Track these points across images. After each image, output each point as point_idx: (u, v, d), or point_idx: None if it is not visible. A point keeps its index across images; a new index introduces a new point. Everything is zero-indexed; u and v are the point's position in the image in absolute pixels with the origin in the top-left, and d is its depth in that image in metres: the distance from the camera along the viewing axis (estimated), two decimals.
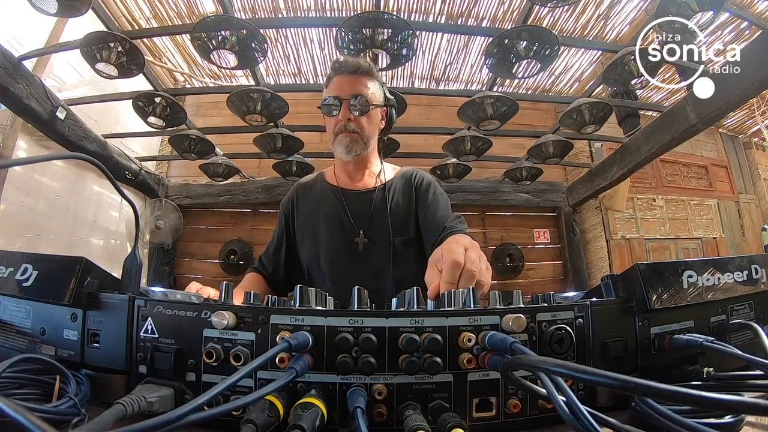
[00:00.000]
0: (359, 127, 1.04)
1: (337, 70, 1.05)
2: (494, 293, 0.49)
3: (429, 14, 3.09)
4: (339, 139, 1.04)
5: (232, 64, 1.94)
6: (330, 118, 1.05)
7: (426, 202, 1.09)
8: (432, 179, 1.17)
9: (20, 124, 2.36)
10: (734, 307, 0.54)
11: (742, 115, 4.61)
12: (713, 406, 0.24)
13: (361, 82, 1.04)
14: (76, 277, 0.47)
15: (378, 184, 1.12)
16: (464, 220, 1.08)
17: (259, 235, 3.72)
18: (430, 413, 0.39)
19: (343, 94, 1.03)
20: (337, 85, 1.04)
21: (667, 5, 1.65)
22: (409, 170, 1.19)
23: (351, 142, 1.04)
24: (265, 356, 0.35)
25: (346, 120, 1.02)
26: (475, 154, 2.74)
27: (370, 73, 1.06)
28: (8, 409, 0.21)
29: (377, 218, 1.07)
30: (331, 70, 1.07)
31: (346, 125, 1.03)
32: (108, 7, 2.53)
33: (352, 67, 1.04)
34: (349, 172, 1.13)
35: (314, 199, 1.14)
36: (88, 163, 0.51)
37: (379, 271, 1.03)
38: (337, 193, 1.11)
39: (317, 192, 1.15)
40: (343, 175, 1.14)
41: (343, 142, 1.04)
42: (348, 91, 1.03)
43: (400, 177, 1.16)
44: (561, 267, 3.88)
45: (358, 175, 1.13)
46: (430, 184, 1.14)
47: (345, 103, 1.02)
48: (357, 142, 1.04)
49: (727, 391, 0.45)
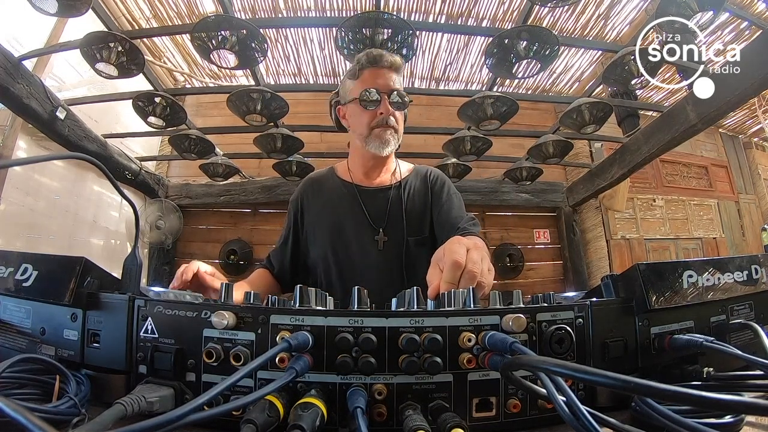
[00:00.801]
0: (397, 122, 1.02)
1: (374, 63, 1.02)
2: (494, 293, 0.49)
3: (429, 14, 3.09)
4: (376, 134, 1.01)
5: (232, 64, 1.94)
6: (366, 111, 1.01)
7: (440, 201, 1.08)
8: (446, 178, 1.16)
9: (20, 124, 2.37)
10: (734, 307, 0.54)
11: (742, 115, 4.61)
12: (713, 406, 0.24)
13: (396, 77, 1.02)
14: (76, 277, 0.47)
15: (394, 182, 1.10)
16: (478, 222, 1.07)
17: (259, 235, 3.72)
18: (430, 413, 0.39)
19: (382, 87, 1.00)
20: (376, 77, 1.01)
21: (667, 5, 1.65)
22: (423, 168, 1.18)
23: (389, 136, 1.01)
24: (265, 356, 0.35)
25: (388, 114, 1.00)
26: (475, 154, 2.74)
27: (401, 70, 1.05)
28: (8, 409, 0.21)
29: (394, 216, 1.05)
30: (365, 62, 1.02)
31: (387, 120, 1.00)
32: (108, 7, 2.53)
33: (389, 62, 1.02)
34: (367, 168, 1.10)
35: (327, 195, 1.10)
36: (88, 163, 0.51)
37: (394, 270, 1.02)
38: (352, 190, 1.08)
39: (330, 187, 1.12)
40: (358, 172, 1.11)
41: (381, 136, 1.01)
42: (387, 86, 1.00)
43: (415, 175, 1.14)
44: (561, 267, 3.88)
45: (376, 172, 1.11)
46: (445, 182, 1.13)
47: (385, 96, 0.99)
48: (393, 137, 1.02)
49: (727, 391, 0.45)
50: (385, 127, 1.01)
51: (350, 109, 1.06)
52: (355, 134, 1.07)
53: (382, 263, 1.02)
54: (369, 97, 0.99)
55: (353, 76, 1.04)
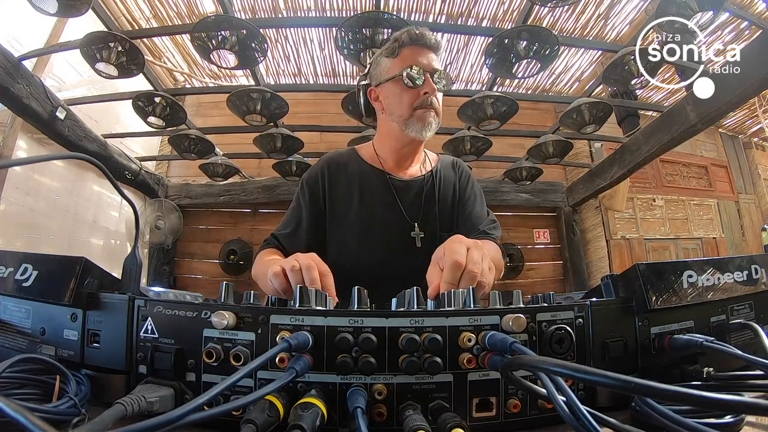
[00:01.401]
0: (439, 104, 0.95)
1: (416, 41, 0.94)
2: (494, 293, 0.49)
3: (429, 14, 3.09)
4: (419, 115, 0.93)
5: (232, 64, 1.94)
6: (409, 90, 0.93)
7: (465, 196, 1.03)
8: (470, 171, 1.10)
9: (20, 124, 2.37)
10: (734, 307, 0.54)
11: (742, 115, 4.61)
12: (713, 406, 0.24)
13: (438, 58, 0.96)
14: (76, 277, 0.47)
15: (425, 173, 1.03)
16: (499, 225, 1.02)
17: (259, 235, 3.72)
18: (430, 413, 0.39)
19: (426, 66, 0.93)
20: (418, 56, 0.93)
21: (667, 5, 1.65)
22: (448, 158, 1.12)
23: (432, 118, 0.94)
24: (265, 356, 0.35)
25: (434, 93, 0.92)
26: (475, 154, 2.74)
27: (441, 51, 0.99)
28: (8, 409, 0.21)
29: (427, 210, 0.99)
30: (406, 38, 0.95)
31: (431, 100, 0.92)
32: (108, 7, 2.53)
33: (432, 41, 0.95)
34: (401, 156, 1.02)
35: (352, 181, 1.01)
36: (88, 163, 0.51)
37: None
38: (384, 179, 1.00)
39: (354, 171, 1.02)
40: (390, 159, 1.03)
41: (424, 118, 0.93)
42: (432, 66, 0.93)
43: (443, 165, 1.08)
44: (561, 267, 3.88)
45: (409, 161, 1.03)
46: (470, 176, 1.08)
47: (428, 76, 0.92)
48: (436, 120, 0.95)
49: (727, 391, 0.45)
50: (428, 108, 0.93)
51: (387, 89, 0.97)
52: (393, 116, 0.97)
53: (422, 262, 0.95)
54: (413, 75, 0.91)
55: (391, 54, 0.96)
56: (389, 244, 0.96)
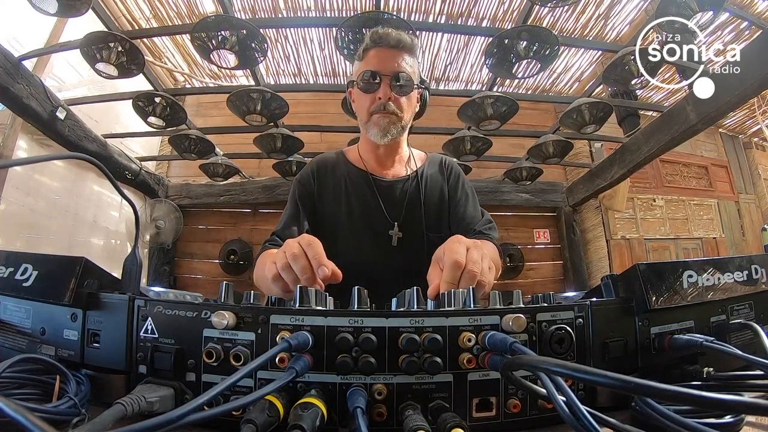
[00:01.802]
0: (399, 108, 0.93)
1: (378, 42, 0.93)
2: (494, 293, 0.49)
3: (429, 14, 3.09)
4: (375, 120, 0.93)
5: (232, 64, 1.94)
6: (366, 95, 0.94)
7: (456, 196, 1.03)
8: (461, 170, 1.10)
9: (20, 124, 2.37)
10: (734, 307, 0.54)
11: (742, 115, 4.61)
12: (713, 406, 0.24)
13: (402, 58, 0.93)
14: (76, 277, 0.47)
15: (410, 173, 1.03)
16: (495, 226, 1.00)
17: (259, 235, 3.72)
18: (430, 413, 0.39)
19: (384, 69, 0.92)
20: (378, 58, 0.93)
21: (667, 5, 1.65)
22: (437, 156, 1.11)
23: (389, 124, 0.93)
24: (265, 356, 0.35)
25: (386, 99, 0.92)
26: (475, 154, 2.74)
27: (413, 49, 0.95)
28: (8, 409, 0.21)
29: (410, 210, 0.99)
30: (369, 41, 0.95)
31: (385, 105, 0.92)
32: (108, 7, 2.53)
33: (395, 40, 0.93)
34: (379, 157, 1.03)
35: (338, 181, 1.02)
36: (88, 163, 0.51)
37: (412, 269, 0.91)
38: (367, 180, 1.00)
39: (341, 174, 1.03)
40: (371, 160, 1.04)
41: (380, 123, 0.93)
42: (390, 67, 0.92)
43: (429, 164, 1.07)
44: (561, 267, 3.88)
45: (389, 161, 1.04)
46: (459, 175, 1.07)
47: (386, 79, 0.91)
48: (395, 125, 0.94)
49: (727, 391, 0.45)
50: (383, 114, 0.92)
51: (355, 93, 0.98)
52: (359, 118, 1.00)
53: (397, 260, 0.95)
54: (367, 80, 0.92)
55: (359, 57, 0.97)
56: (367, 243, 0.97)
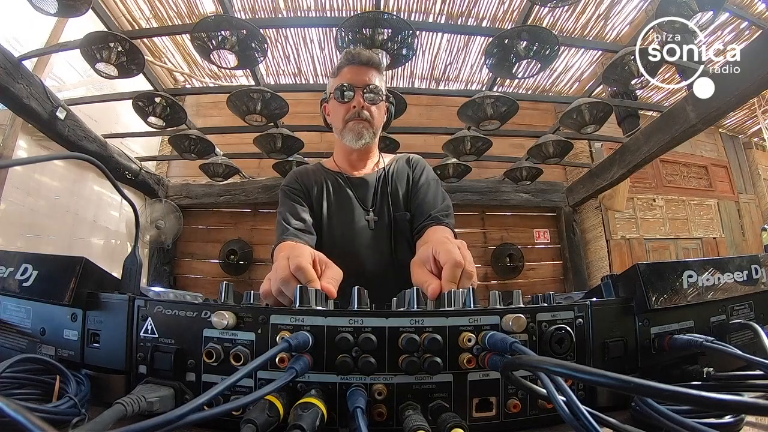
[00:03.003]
0: (371, 115, 1.07)
1: (351, 61, 1.08)
2: (494, 293, 0.49)
3: (429, 14, 3.09)
4: (350, 126, 1.06)
5: (232, 64, 1.94)
6: (342, 104, 1.07)
7: (418, 184, 1.14)
8: (426, 164, 1.21)
9: (20, 124, 2.37)
10: (734, 307, 0.54)
11: (742, 115, 4.61)
12: (713, 406, 0.24)
13: (372, 73, 1.08)
14: (76, 277, 0.47)
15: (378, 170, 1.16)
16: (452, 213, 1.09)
17: (259, 235, 3.72)
18: (430, 413, 0.39)
19: (357, 82, 1.06)
20: (351, 73, 1.07)
21: (667, 5, 1.65)
22: (404, 155, 1.24)
23: (362, 129, 1.06)
24: (265, 356, 0.35)
25: (360, 107, 1.05)
26: (475, 154, 2.74)
27: (380, 68, 1.10)
28: (8, 409, 0.21)
29: (380, 198, 1.12)
30: (343, 60, 1.09)
31: (359, 112, 1.05)
32: (108, 7, 2.52)
33: (366, 58, 1.08)
34: (352, 161, 1.16)
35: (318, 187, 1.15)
36: (88, 163, 0.51)
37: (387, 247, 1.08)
38: (342, 177, 1.14)
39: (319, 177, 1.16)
40: (344, 163, 1.17)
41: (354, 129, 1.06)
42: (361, 81, 1.06)
43: (397, 161, 1.21)
44: (561, 267, 3.88)
45: (360, 164, 1.16)
46: (425, 168, 1.19)
47: (359, 91, 1.05)
48: (367, 130, 1.07)
49: (727, 391, 0.45)
50: (357, 120, 1.06)
51: (330, 106, 1.12)
52: (335, 129, 1.12)
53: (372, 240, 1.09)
54: (343, 92, 1.05)
55: (334, 75, 1.11)
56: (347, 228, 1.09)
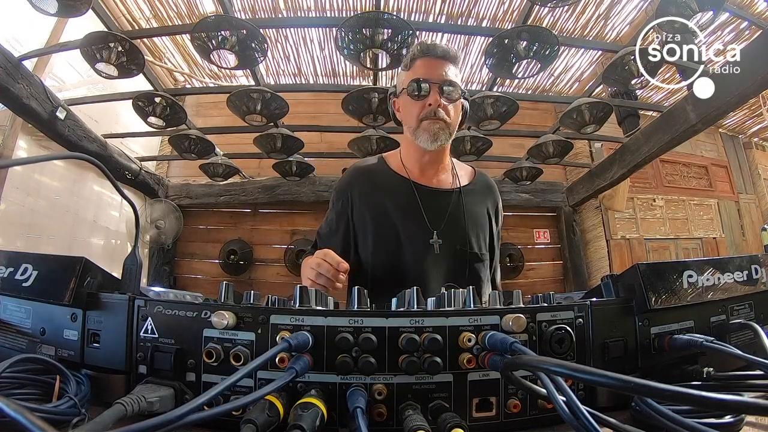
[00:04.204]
0: (448, 114, 0.96)
1: (426, 53, 0.98)
2: (494, 293, 0.49)
3: (429, 14, 3.09)
4: (425, 126, 0.96)
5: (232, 64, 1.94)
6: (416, 102, 0.96)
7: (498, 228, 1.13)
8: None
9: (20, 124, 2.37)
10: (734, 307, 0.54)
11: (742, 115, 4.60)
12: (713, 406, 0.24)
13: (449, 68, 0.97)
14: (76, 277, 0.47)
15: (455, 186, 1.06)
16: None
17: (259, 235, 3.72)
18: (430, 413, 0.39)
19: (433, 77, 0.95)
20: (427, 67, 0.96)
21: (667, 5, 1.65)
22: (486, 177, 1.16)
23: (439, 130, 0.96)
24: (265, 356, 0.35)
25: (436, 105, 0.94)
26: (475, 154, 2.73)
27: (457, 61, 1.00)
28: (8, 409, 0.21)
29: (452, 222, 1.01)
30: (417, 51, 0.99)
31: (435, 111, 0.95)
32: (108, 7, 2.52)
33: (442, 51, 0.98)
34: (422, 165, 1.05)
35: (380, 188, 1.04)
36: (88, 163, 0.51)
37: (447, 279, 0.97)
38: (410, 188, 1.03)
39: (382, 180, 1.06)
40: (414, 168, 1.05)
41: (430, 129, 0.95)
42: (438, 76, 0.95)
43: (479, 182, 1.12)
44: (561, 267, 3.88)
45: (432, 170, 1.06)
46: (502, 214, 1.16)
47: (435, 87, 0.94)
48: (444, 131, 0.96)
49: (727, 391, 0.45)
50: (433, 120, 0.95)
51: (402, 101, 1.01)
52: (407, 127, 1.03)
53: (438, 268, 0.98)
54: (418, 87, 0.95)
55: (406, 67, 1.01)
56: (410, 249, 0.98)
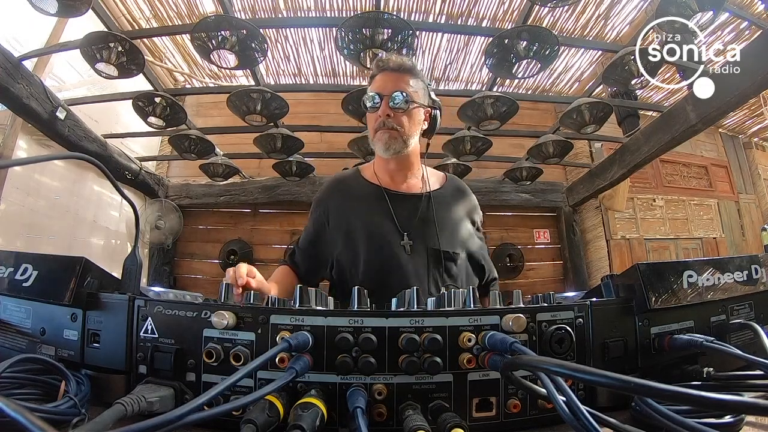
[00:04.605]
0: (399, 124, 1.02)
1: (381, 68, 1.05)
2: (494, 293, 0.49)
3: (429, 14, 3.09)
4: (378, 136, 1.03)
5: (232, 64, 1.94)
6: (371, 114, 1.05)
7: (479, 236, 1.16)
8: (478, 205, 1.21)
9: (20, 124, 2.36)
10: (734, 307, 0.54)
11: (742, 115, 4.60)
12: (713, 406, 0.24)
13: (403, 79, 1.03)
14: (76, 277, 0.47)
15: (424, 191, 1.11)
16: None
17: (259, 235, 3.72)
18: (430, 413, 0.39)
19: (384, 90, 1.02)
20: (380, 82, 1.04)
21: (667, 5, 1.65)
22: (457, 181, 1.21)
23: (390, 138, 1.02)
24: (265, 356, 0.35)
25: (385, 116, 1.01)
26: (475, 154, 2.74)
27: (413, 71, 1.05)
28: (8, 409, 0.21)
29: (422, 224, 1.06)
30: (374, 68, 1.07)
31: (385, 121, 1.01)
32: (108, 7, 2.52)
33: (395, 64, 1.04)
34: (390, 172, 1.11)
35: (353, 197, 1.11)
36: (88, 163, 0.51)
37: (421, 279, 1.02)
38: (381, 194, 1.09)
39: (356, 190, 1.13)
40: (384, 175, 1.12)
41: (381, 138, 1.02)
42: (390, 88, 1.02)
43: (449, 186, 1.16)
44: (561, 267, 3.88)
45: (400, 176, 1.12)
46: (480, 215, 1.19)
47: (385, 99, 1.01)
48: (396, 140, 1.02)
49: (727, 391, 0.45)
50: (384, 129, 1.02)
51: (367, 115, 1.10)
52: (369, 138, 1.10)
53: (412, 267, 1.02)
54: (369, 101, 1.03)
55: (369, 83, 1.08)
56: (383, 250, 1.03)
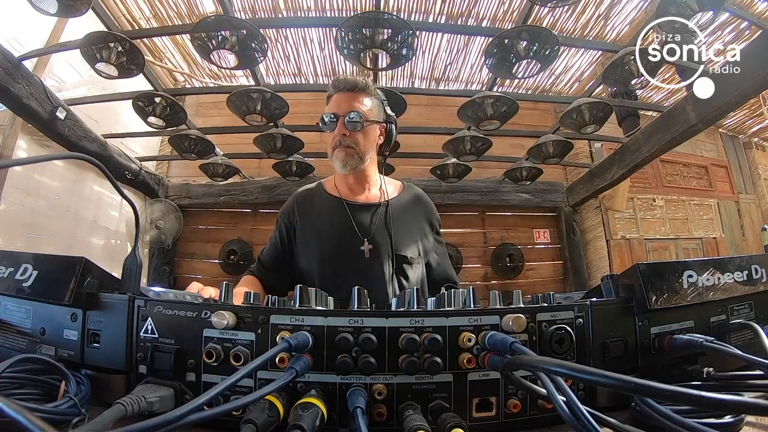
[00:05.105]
0: (354, 142, 1.08)
1: (336, 88, 1.11)
2: (494, 293, 0.49)
3: (429, 14, 3.09)
4: (335, 154, 1.09)
5: (232, 64, 1.94)
6: (329, 134, 1.10)
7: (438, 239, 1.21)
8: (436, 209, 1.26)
9: (20, 124, 2.36)
10: (734, 307, 0.54)
11: (742, 115, 4.60)
12: (713, 406, 0.24)
13: (357, 99, 1.09)
14: (76, 277, 0.47)
15: (382, 200, 1.17)
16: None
17: (259, 235, 3.71)
18: (430, 413, 0.39)
19: (339, 110, 1.08)
20: (335, 102, 1.10)
21: (667, 5, 1.65)
22: (416, 189, 1.26)
23: (346, 156, 1.08)
24: (265, 356, 0.35)
25: (341, 135, 1.07)
26: (475, 154, 2.74)
27: (367, 90, 1.11)
28: (8, 409, 0.21)
29: (380, 229, 1.12)
30: (331, 88, 1.12)
31: (341, 140, 1.07)
32: (108, 7, 2.52)
33: (350, 84, 1.10)
34: (349, 185, 1.18)
35: (316, 209, 1.17)
36: (88, 163, 0.51)
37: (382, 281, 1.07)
38: (340, 204, 1.15)
39: (319, 202, 1.19)
40: (344, 188, 1.18)
41: (339, 156, 1.09)
42: (344, 108, 1.08)
43: (407, 194, 1.22)
44: (561, 267, 3.88)
45: (359, 188, 1.18)
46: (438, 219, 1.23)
47: (341, 119, 1.07)
48: (352, 157, 1.09)
49: (727, 391, 0.45)
50: (340, 148, 1.08)
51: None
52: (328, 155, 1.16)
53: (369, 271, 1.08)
54: (327, 121, 1.09)
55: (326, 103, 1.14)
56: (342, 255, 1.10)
